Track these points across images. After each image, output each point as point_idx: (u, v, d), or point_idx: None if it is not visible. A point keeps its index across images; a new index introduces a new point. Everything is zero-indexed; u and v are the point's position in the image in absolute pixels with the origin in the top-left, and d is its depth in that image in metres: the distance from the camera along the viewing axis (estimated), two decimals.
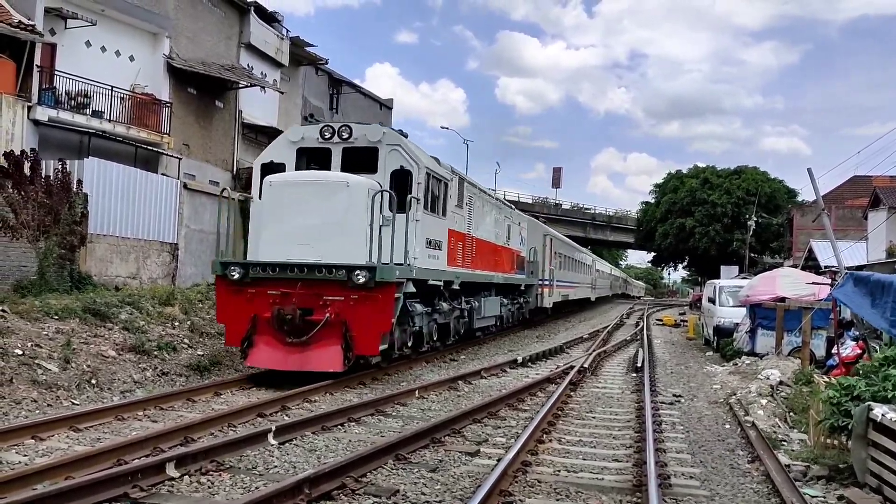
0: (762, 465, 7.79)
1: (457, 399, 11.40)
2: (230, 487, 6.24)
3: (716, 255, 59.57)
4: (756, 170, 65.70)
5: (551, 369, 15.15)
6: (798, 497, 6.55)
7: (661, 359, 19.40)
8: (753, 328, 17.39)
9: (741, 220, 56.85)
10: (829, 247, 17.59)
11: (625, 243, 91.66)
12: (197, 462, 6.59)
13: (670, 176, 69.81)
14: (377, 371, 13.05)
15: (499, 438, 8.67)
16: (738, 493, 6.95)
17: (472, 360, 16.53)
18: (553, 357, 18.25)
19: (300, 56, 34.27)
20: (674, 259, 73.50)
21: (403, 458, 7.34)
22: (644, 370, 14.91)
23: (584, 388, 13.17)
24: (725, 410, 11.49)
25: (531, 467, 7.31)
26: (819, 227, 27.89)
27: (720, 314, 21.16)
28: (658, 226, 66.16)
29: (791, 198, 61.22)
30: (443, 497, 6.27)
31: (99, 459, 6.43)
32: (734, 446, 8.98)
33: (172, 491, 6.02)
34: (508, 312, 23.39)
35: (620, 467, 7.56)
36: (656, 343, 24.32)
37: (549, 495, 6.53)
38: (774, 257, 57.18)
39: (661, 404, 11.63)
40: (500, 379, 13.91)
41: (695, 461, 8.07)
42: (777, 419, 10.32)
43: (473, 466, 7.32)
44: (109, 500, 5.58)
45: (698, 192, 62.93)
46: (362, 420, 9.26)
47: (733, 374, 15.00)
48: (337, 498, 6.03)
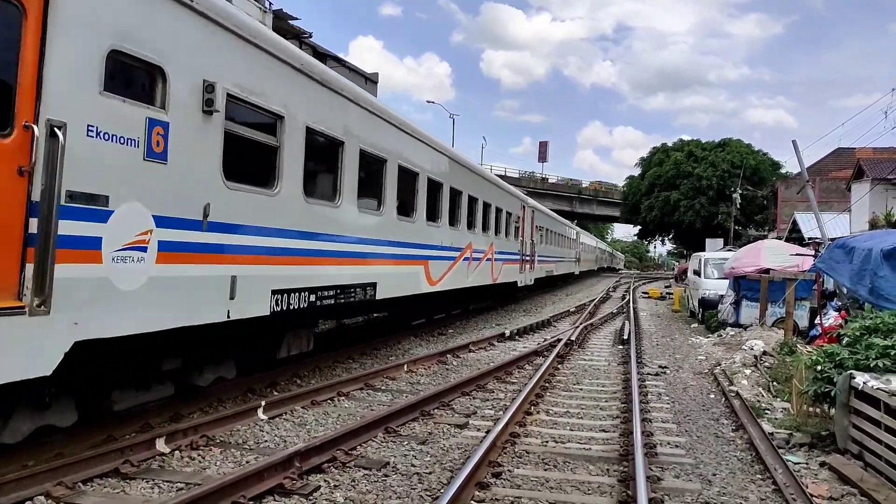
0: (746, 434, 7.92)
1: (445, 372, 11.47)
2: (221, 462, 6.27)
3: (701, 229, 59.97)
4: (741, 142, 66.01)
5: (538, 342, 15.26)
6: (781, 464, 6.68)
7: (647, 331, 19.58)
8: (738, 300, 17.57)
9: (726, 194, 57.20)
10: (812, 219, 17.76)
11: (611, 217, 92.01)
12: (187, 437, 6.62)
13: (655, 150, 70.02)
14: (365, 346, 13.09)
15: (487, 411, 8.75)
16: (723, 460, 7.07)
17: (460, 335, 16.61)
18: (540, 330, 18.36)
19: (284, 29, 33.68)
20: (660, 232, 73.95)
21: (393, 431, 7.40)
22: (630, 342, 15.03)
23: (572, 360, 13.29)
24: (710, 381, 11.65)
25: (519, 438, 7.39)
26: (803, 199, 28.09)
27: (705, 286, 21.33)
28: (643, 199, 66.43)
29: (776, 170, 61.65)
30: (432, 469, 6.33)
31: (88, 435, 6.44)
32: (718, 416, 9.12)
33: (163, 466, 6.04)
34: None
35: (607, 437, 7.67)
36: (642, 315, 24.52)
37: (537, 465, 6.61)
38: (759, 230, 57.67)
39: (647, 375, 11.76)
40: (489, 352, 14.00)
41: (680, 430, 8.19)
42: (761, 389, 10.47)
43: (463, 438, 7.39)
44: (100, 476, 5.60)
45: (683, 166, 63.19)
46: (351, 394, 9.31)
47: (718, 346, 15.19)
48: (328, 471, 6.07)
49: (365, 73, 35.69)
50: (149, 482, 5.62)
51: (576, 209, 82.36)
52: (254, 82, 7.61)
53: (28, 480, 5.14)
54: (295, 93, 8.58)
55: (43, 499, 5.05)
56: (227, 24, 7.07)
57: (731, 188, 54.88)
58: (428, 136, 14.13)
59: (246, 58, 7.49)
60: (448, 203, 15.19)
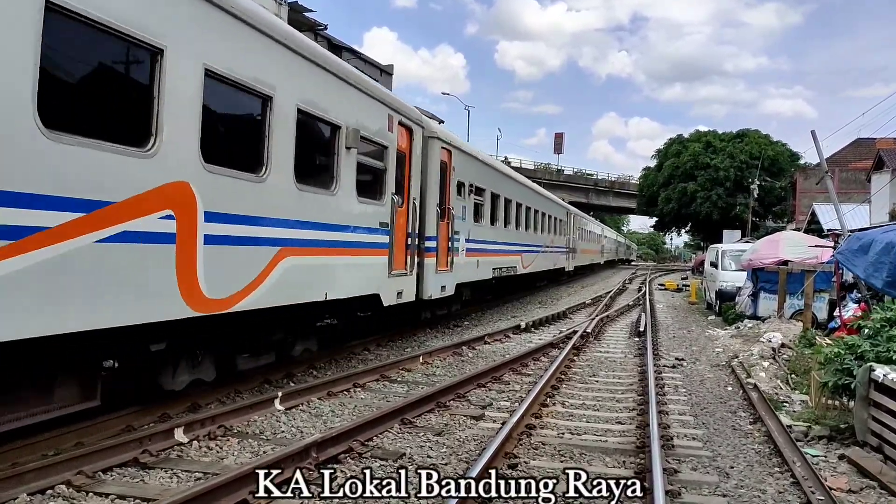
0: (764, 426, 7.87)
1: (461, 364, 11.48)
2: (239, 452, 6.32)
3: (718, 220, 59.46)
4: (759, 133, 65.25)
5: (554, 334, 15.23)
6: (799, 456, 6.63)
7: (664, 323, 19.48)
8: (755, 292, 17.45)
9: (744, 185, 56.65)
10: (832, 210, 17.52)
11: (627, 209, 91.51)
12: (205, 427, 6.67)
13: (672, 140, 69.42)
14: (381, 337, 13.13)
15: (503, 402, 8.75)
16: (740, 453, 7.03)
17: (475, 326, 16.61)
18: (556, 322, 18.33)
19: (299, 22, 33.65)
20: (676, 224, 73.41)
21: (409, 423, 7.42)
22: (646, 334, 14.98)
23: (587, 352, 13.25)
24: (727, 373, 11.57)
25: (535, 430, 7.39)
26: (822, 190, 27.78)
27: (722, 278, 21.19)
28: (660, 191, 65.95)
29: (794, 161, 60.96)
30: (448, 460, 6.34)
31: (107, 425, 6.51)
32: (736, 408, 9.06)
33: (182, 456, 6.09)
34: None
35: (624, 429, 7.64)
36: (659, 308, 24.40)
37: (553, 457, 6.60)
38: (777, 221, 57.15)
39: (663, 368, 11.71)
40: (504, 344, 13.99)
41: (697, 423, 8.15)
42: (779, 381, 10.40)
43: (478, 430, 7.40)
44: (120, 465, 5.66)
45: (701, 157, 62.62)
46: (367, 386, 9.34)
47: (735, 338, 15.09)
48: (344, 461, 6.10)
49: (380, 64, 35.54)
50: (167, 472, 5.67)
51: (592, 201, 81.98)
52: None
53: (49, 469, 5.20)
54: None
55: (64, 487, 5.11)
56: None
57: (748, 179, 54.32)
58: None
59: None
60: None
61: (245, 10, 7.28)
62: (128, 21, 5.71)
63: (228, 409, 7.28)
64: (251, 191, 7.57)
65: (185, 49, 6.40)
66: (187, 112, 6.52)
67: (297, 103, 8.40)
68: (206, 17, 6.73)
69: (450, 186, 14.52)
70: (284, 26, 8.50)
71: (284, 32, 8.21)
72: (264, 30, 7.63)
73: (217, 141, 7.09)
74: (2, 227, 4.71)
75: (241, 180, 7.43)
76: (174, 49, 6.22)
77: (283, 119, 8.08)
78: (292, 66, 8.36)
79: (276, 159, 7.94)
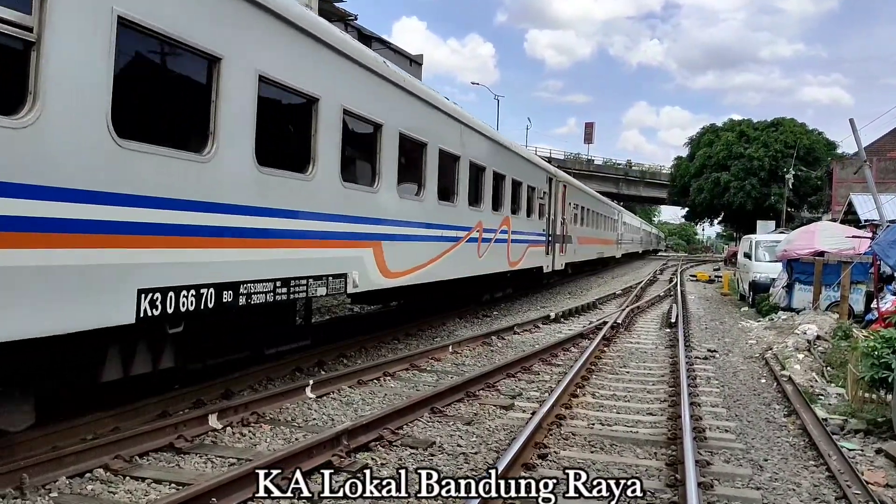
0: (798, 419, 7.76)
1: (490, 354, 11.48)
2: (271, 438, 6.39)
3: (752, 210, 58.48)
4: (794, 121, 63.97)
5: (584, 325, 15.15)
6: (835, 450, 6.53)
7: (696, 314, 19.27)
8: (790, 283, 17.17)
9: (779, 174, 55.66)
10: (869, 200, 17.17)
11: (658, 199, 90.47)
12: (238, 414, 6.76)
13: (705, 129, 68.36)
14: (410, 326, 13.18)
15: (532, 392, 8.74)
16: (774, 446, 6.94)
17: (504, 317, 16.59)
18: (586, 313, 18.23)
19: (329, 12, 33.77)
20: (708, 215, 72.40)
21: (439, 412, 7.44)
22: (678, 325, 14.83)
23: (618, 343, 13.17)
24: (761, 365, 11.42)
25: (565, 421, 7.37)
26: (860, 179, 27.21)
27: (756, 269, 20.89)
28: (692, 181, 65.06)
29: (831, 150, 59.68)
30: (478, 449, 6.36)
31: (143, 410, 6.62)
32: (770, 401, 8.94)
33: (216, 442, 6.19)
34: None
35: (655, 420, 7.59)
36: (690, 299, 24.13)
37: (583, 448, 6.58)
38: (813, 212, 56.08)
39: (695, 359, 11.59)
40: (533, 335, 13.96)
41: (730, 415, 8.06)
42: (814, 374, 10.23)
43: (508, 420, 7.40)
44: (156, 450, 5.77)
45: (734, 146, 61.58)
46: (397, 374, 9.39)
47: (769, 330, 14.88)
48: (374, 449, 6.14)
49: (410, 55, 35.51)
50: (202, 457, 5.76)
51: (622, 191, 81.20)
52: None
53: (88, 453, 5.32)
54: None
55: (102, 471, 5.21)
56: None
57: (783, 169, 53.36)
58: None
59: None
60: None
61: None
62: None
63: (261, 396, 7.37)
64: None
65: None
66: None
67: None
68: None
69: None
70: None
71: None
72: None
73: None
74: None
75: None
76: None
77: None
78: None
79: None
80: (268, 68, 7.01)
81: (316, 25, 7.91)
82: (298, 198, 7.73)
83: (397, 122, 10.06)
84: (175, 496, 4.48)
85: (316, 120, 8.01)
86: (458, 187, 12.86)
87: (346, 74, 8.67)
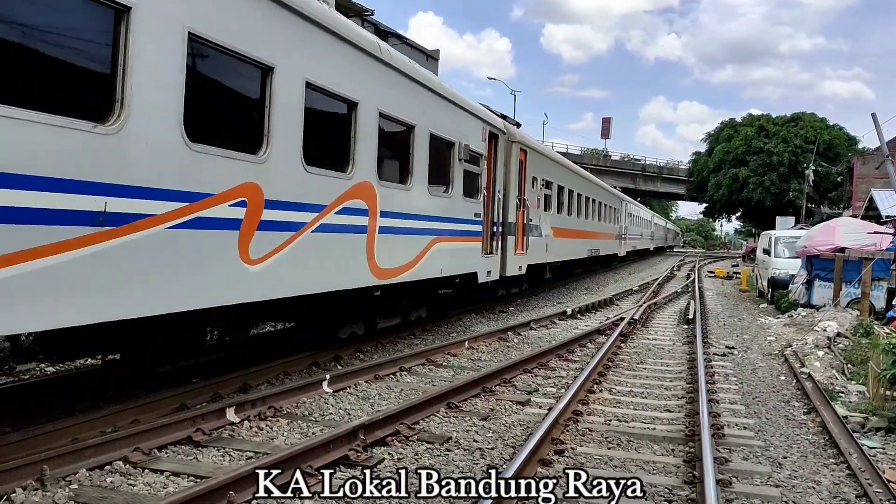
0: (818, 417, 7.68)
1: (506, 350, 11.46)
2: (288, 432, 6.42)
3: (771, 206, 58.02)
4: (815, 116, 63.33)
5: (601, 321, 15.09)
6: (856, 448, 6.46)
7: (714, 311, 19.14)
8: (810, 280, 16.98)
9: (798, 170, 55.13)
10: (891, 195, 16.94)
11: (676, 194, 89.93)
12: (255, 408, 6.80)
13: (724, 125, 67.86)
14: (427, 322, 13.19)
15: (549, 388, 8.71)
16: (794, 443, 6.88)
17: (520, 312, 16.56)
18: (602, 309, 18.16)
19: (346, 7, 33.87)
20: (727, 210, 71.90)
21: (455, 407, 7.44)
22: (696, 322, 14.73)
23: (635, 339, 13.10)
24: (780, 362, 11.32)
25: (582, 417, 7.33)
26: (882, 175, 26.87)
27: (775, 266, 20.69)
28: (710, 176, 64.61)
29: (852, 145, 59.07)
30: (495, 444, 6.35)
31: (162, 404, 6.68)
32: (789, 398, 8.86)
33: (233, 435, 6.23)
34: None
35: (672, 417, 7.54)
36: (708, 295, 23.97)
37: (600, 444, 6.55)
38: (833, 208, 55.49)
39: (713, 356, 11.51)
40: (550, 330, 13.92)
41: (749, 412, 7.99)
42: (834, 371, 10.12)
43: (524, 415, 7.38)
44: (174, 443, 5.81)
45: (754, 141, 61.05)
46: (413, 370, 9.40)
47: (788, 326, 14.74)
48: (391, 444, 6.15)
49: (426, 50, 35.43)
50: (220, 450, 5.80)
51: (639, 186, 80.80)
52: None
53: (107, 446, 5.36)
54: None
55: (121, 463, 5.26)
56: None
57: (803, 164, 52.83)
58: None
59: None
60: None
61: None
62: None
63: (278, 390, 7.40)
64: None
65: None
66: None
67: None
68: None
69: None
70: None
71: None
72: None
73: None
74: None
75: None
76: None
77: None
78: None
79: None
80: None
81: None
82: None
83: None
84: (193, 489, 4.51)
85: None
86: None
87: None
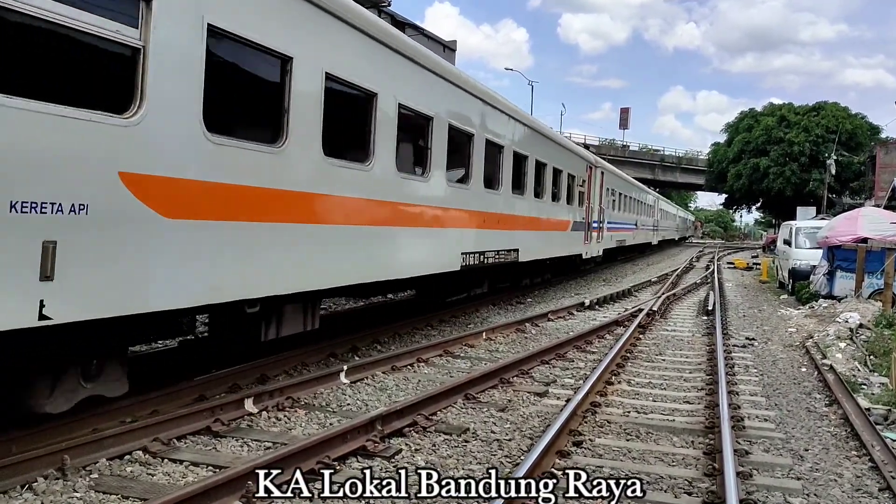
0: (840, 409, 7.58)
1: (524, 341, 11.43)
2: (306, 423, 6.44)
3: (791, 197, 57.24)
4: (837, 105, 62.30)
5: (619, 312, 15.01)
6: (879, 440, 6.37)
7: (733, 302, 18.97)
8: (832, 270, 16.78)
9: (820, 160, 54.38)
10: None
11: (695, 185, 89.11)
12: (273, 399, 6.82)
13: (743, 114, 66.96)
14: (444, 313, 13.18)
15: (567, 380, 8.67)
16: (815, 435, 6.80)
17: (538, 303, 16.50)
18: (621, 300, 18.06)
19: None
20: (747, 201, 71.09)
21: (472, 398, 7.43)
22: (715, 313, 14.61)
23: (654, 330, 13.02)
24: (801, 354, 11.20)
25: (600, 408, 7.30)
26: None
27: (796, 256, 20.47)
28: (730, 166, 63.87)
29: (874, 135, 58.11)
30: (512, 436, 6.33)
31: (181, 394, 6.72)
32: (811, 390, 8.76)
33: (252, 426, 6.26)
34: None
35: (692, 409, 7.48)
36: (728, 286, 23.76)
37: (618, 436, 6.51)
38: (855, 198, 54.71)
39: (733, 347, 11.41)
40: (568, 321, 13.86)
41: (769, 404, 7.91)
42: (856, 363, 10.00)
43: (542, 406, 7.35)
44: (193, 433, 5.84)
45: (774, 131, 60.24)
46: (431, 361, 9.39)
47: (809, 318, 14.58)
48: (409, 435, 6.15)
49: (443, 41, 35.25)
50: (238, 440, 5.83)
51: (658, 177, 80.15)
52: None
53: (127, 435, 5.41)
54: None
55: (140, 453, 5.30)
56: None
57: (825, 154, 52.10)
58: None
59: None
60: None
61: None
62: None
63: (295, 381, 7.43)
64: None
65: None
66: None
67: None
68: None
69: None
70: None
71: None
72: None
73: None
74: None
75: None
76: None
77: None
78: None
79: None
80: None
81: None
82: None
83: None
84: (212, 479, 4.53)
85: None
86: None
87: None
